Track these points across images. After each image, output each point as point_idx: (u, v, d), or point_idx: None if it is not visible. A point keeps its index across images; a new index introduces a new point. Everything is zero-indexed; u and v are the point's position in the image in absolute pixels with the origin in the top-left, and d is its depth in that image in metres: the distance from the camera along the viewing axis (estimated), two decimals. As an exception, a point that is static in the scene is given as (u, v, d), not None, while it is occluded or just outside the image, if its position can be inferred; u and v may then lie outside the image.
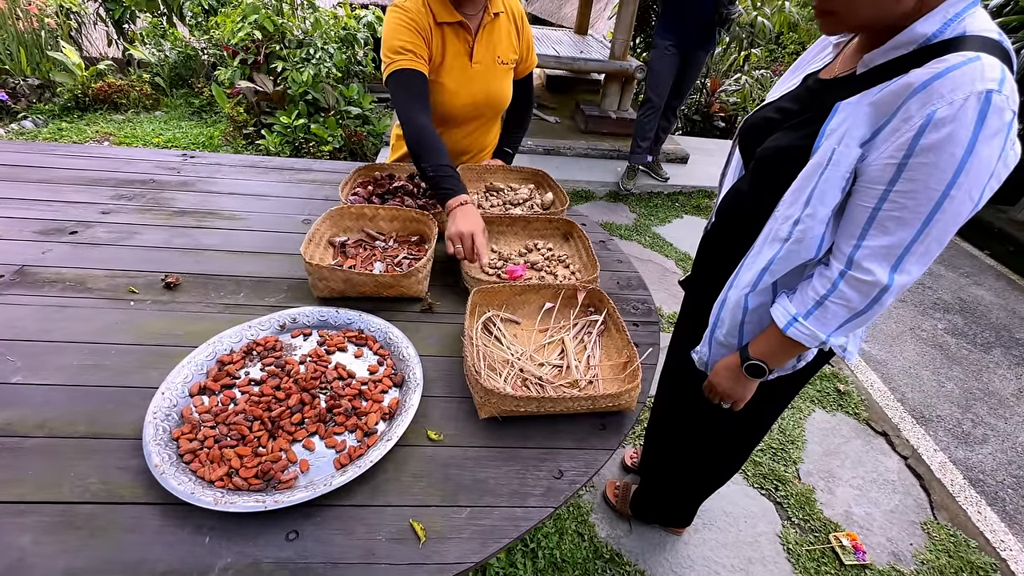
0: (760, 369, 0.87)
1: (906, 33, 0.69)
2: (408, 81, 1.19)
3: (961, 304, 2.95)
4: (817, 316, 0.77)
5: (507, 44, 1.38)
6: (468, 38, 1.29)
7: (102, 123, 3.96)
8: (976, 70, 0.62)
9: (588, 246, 1.16)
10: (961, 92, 0.62)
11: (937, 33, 0.68)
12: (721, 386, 0.93)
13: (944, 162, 0.64)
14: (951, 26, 0.67)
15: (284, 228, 1.25)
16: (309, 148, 3.44)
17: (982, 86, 0.62)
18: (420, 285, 1.03)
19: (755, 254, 0.85)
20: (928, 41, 0.69)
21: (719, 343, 0.94)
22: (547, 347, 0.97)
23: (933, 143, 0.64)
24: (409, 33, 1.21)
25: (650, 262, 3.00)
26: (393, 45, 1.20)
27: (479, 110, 1.38)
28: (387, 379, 0.85)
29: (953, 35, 0.67)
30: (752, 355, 0.87)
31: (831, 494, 1.80)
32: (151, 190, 1.36)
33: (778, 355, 0.85)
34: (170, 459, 0.67)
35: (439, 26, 1.25)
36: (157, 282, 1.02)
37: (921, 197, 0.67)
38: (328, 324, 0.95)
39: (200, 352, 0.83)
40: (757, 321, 0.88)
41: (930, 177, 0.66)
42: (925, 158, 0.65)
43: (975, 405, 2.25)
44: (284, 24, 3.61)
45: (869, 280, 0.72)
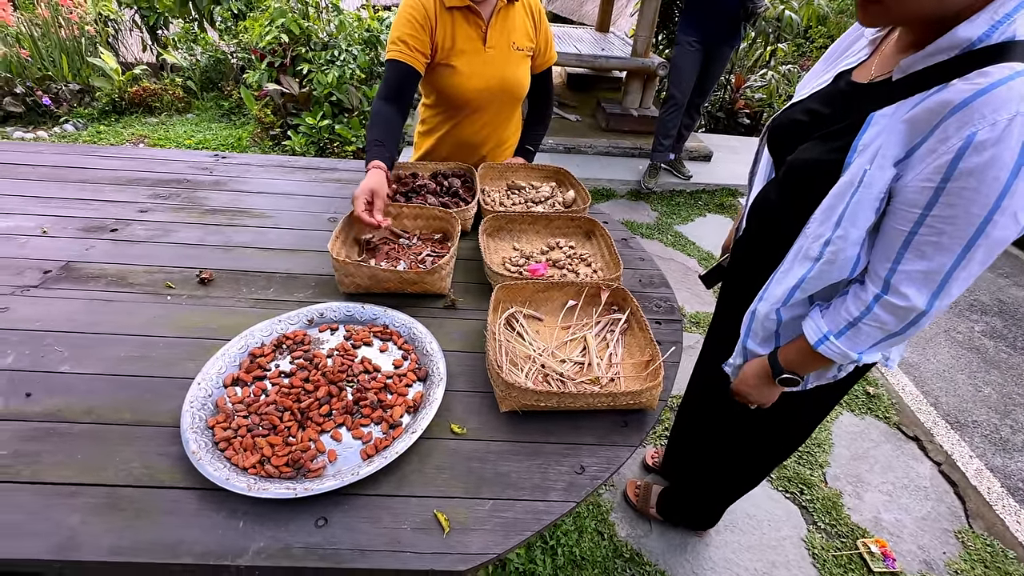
0: (794, 381, 0.85)
1: (947, 37, 0.63)
2: (393, 71, 1.29)
3: (1000, 306, 2.83)
4: (849, 336, 0.75)
5: (522, 31, 1.39)
6: (480, 23, 1.32)
7: (137, 126, 4.12)
8: (1022, 86, 0.57)
9: (611, 244, 1.16)
10: (1005, 112, 0.57)
11: (983, 37, 0.61)
12: (747, 391, 0.92)
13: (986, 187, 0.59)
14: (999, 29, 0.60)
15: (311, 226, 1.29)
16: (333, 148, 3.51)
17: None
18: (443, 282, 1.04)
19: (785, 270, 0.82)
20: (972, 46, 0.62)
21: (753, 353, 0.93)
22: (569, 344, 0.97)
23: (974, 167, 0.59)
24: (410, 26, 1.27)
25: (672, 261, 2.96)
26: (393, 35, 1.28)
27: (494, 95, 1.39)
28: (411, 373, 0.86)
29: (1001, 39, 0.60)
30: (783, 365, 0.85)
31: (859, 499, 1.75)
32: (185, 189, 1.41)
33: (808, 366, 0.84)
34: (206, 446, 0.70)
35: (449, 11, 1.29)
36: (192, 278, 1.06)
37: (961, 223, 0.62)
38: (354, 319, 0.97)
39: (233, 345, 0.86)
40: (793, 330, 0.86)
41: (971, 203, 0.61)
42: (965, 183, 0.60)
43: (1015, 411, 2.16)
44: (310, 27, 3.69)
45: (905, 305, 0.69)
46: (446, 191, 1.38)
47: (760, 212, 0.94)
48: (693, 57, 3.26)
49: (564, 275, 1.15)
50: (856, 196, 0.69)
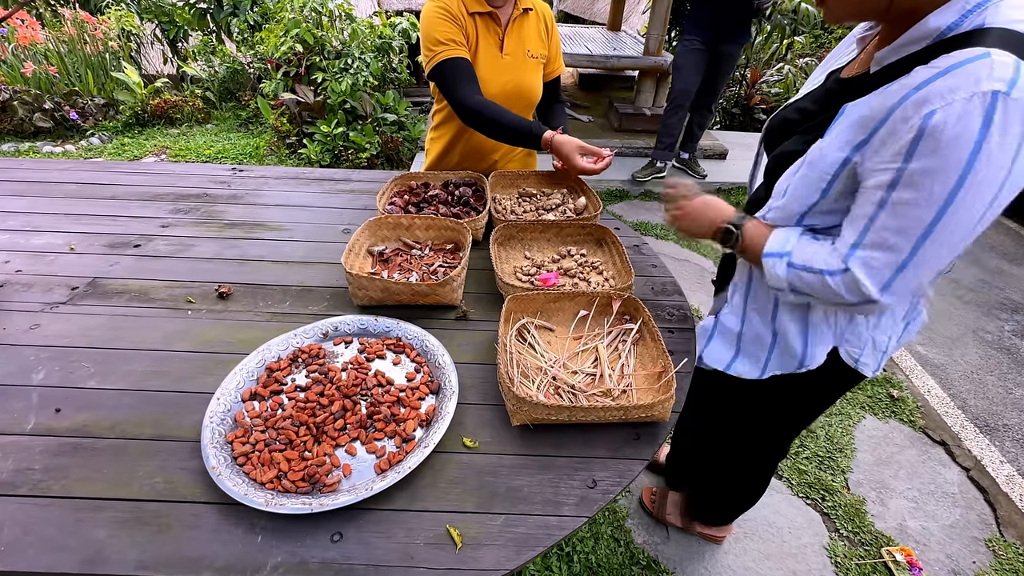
0: (728, 239, 0.86)
1: (918, 27, 0.64)
2: (456, 67, 1.26)
3: (1032, 304, 2.73)
4: (799, 274, 0.76)
5: (536, 39, 1.40)
6: (498, 30, 1.33)
7: (159, 137, 4.23)
8: (983, 68, 0.56)
9: (622, 252, 1.15)
10: (963, 92, 0.56)
11: (952, 26, 0.62)
12: (689, 210, 0.92)
13: (942, 175, 0.59)
14: (969, 17, 0.61)
15: (325, 238, 1.31)
16: (348, 155, 3.55)
17: (988, 86, 0.55)
18: (455, 293, 1.05)
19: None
20: (943, 35, 0.62)
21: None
22: (581, 355, 0.97)
23: (932, 148, 0.59)
24: (447, 24, 1.26)
25: (687, 262, 2.93)
26: (434, 37, 1.26)
27: (509, 101, 1.39)
28: (424, 386, 0.87)
29: (971, 27, 0.60)
30: (742, 230, 0.84)
31: (883, 506, 1.71)
32: (205, 203, 1.44)
33: (750, 252, 0.85)
34: (225, 461, 0.72)
35: (471, 16, 1.30)
36: (211, 292, 1.09)
37: (922, 207, 0.61)
38: (368, 332, 0.99)
39: (251, 360, 0.88)
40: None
41: (931, 186, 0.60)
42: (924, 163, 0.60)
43: (1049, 414, 2.08)
44: (323, 36, 3.74)
45: (862, 290, 0.70)
46: (457, 200, 1.39)
47: (753, 210, 0.96)
48: (695, 57, 3.19)
49: (576, 284, 1.15)
50: (799, 172, 0.74)
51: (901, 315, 0.89)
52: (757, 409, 1.10)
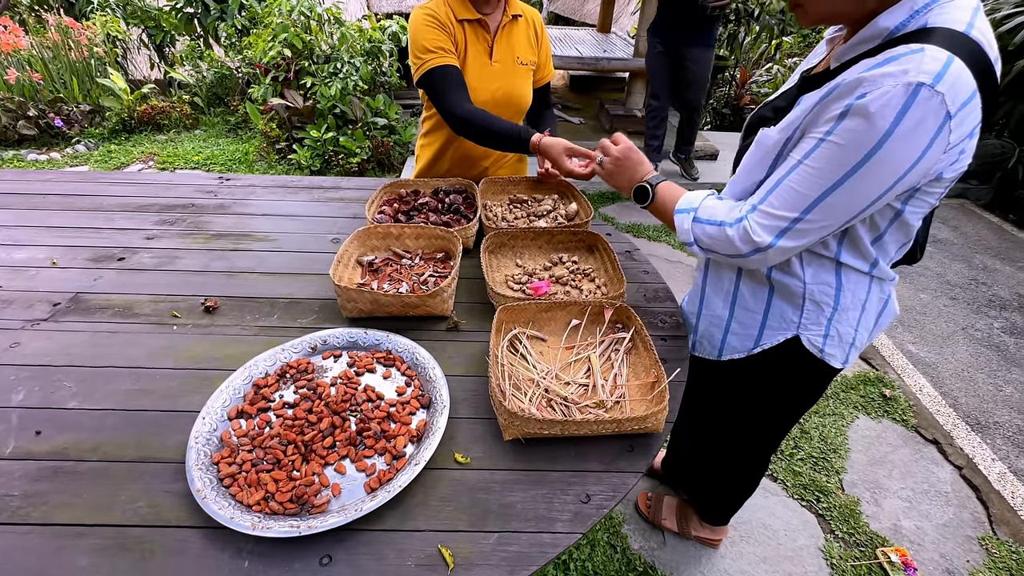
0: (643, 194, 0.96)
1: (870, 27, 0.69)
2: (445, 75, 1.26)
3: (1020, 300, 2.76)
4: (705, 229, 0.84)
5: (526, 46, 1.40)
6: (487, 37, 1.33)
7: (147, 143, 4.19)
8: (913, 61, 0.61)
9: (614, 259, 1.15)
10: (891, 80, 0.61)
11: (901, 26, 0.67)
12: (611, 166, 1.02)
13: (854, 148, 0.65)
14: (916, 18, 0.66)
15: (314, 248, 1.29)
16: (338, 160, 3.53)
17: (913, 78, 0.60)
18: (445, 304, 1.04)
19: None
20: (892, 35, 0.67)
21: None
22: (573, 365, 0.96)
23: (852, 127, 0.64)
24: (435, 32, 1.26)
25: (680, 264, 2.93)
26: (422, 45, 1.25)
27: (499, 108, 1.39)
28: (415, 400, 0.86)
29: (916, 27, 0.65)
30: (655, 189, 0.94)
31: (878, 506, 1.72)
32: (191, 214, 1.42)
33: (660, 211, 0.94)
34: (211, 483, 0.70)
35: (460, 23, 1.30)
36: (197, 306, 1.07)
37: (826, 174, 0.68)
38: (357, 345, 0.97)
39: (237, 376, 0.86)
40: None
41: (840, 156, 0.66)
42: (840, 138, 0.66)
43: (1038, 410, 2.10)
44: (312, 41, 3.72)
45: (753, 238, 0.77)
46: (447, 208, 1.38)
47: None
48: (659, 59, 3.21)
49: (568, 292, 1.15)
50: (749, 151, 0.83)
51: (871, 308, 0.90)
52: (739, 401, 1.12)
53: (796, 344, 0.93)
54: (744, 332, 0.97)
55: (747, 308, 0.95)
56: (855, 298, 0.88)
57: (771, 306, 0.92)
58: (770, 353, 0.95)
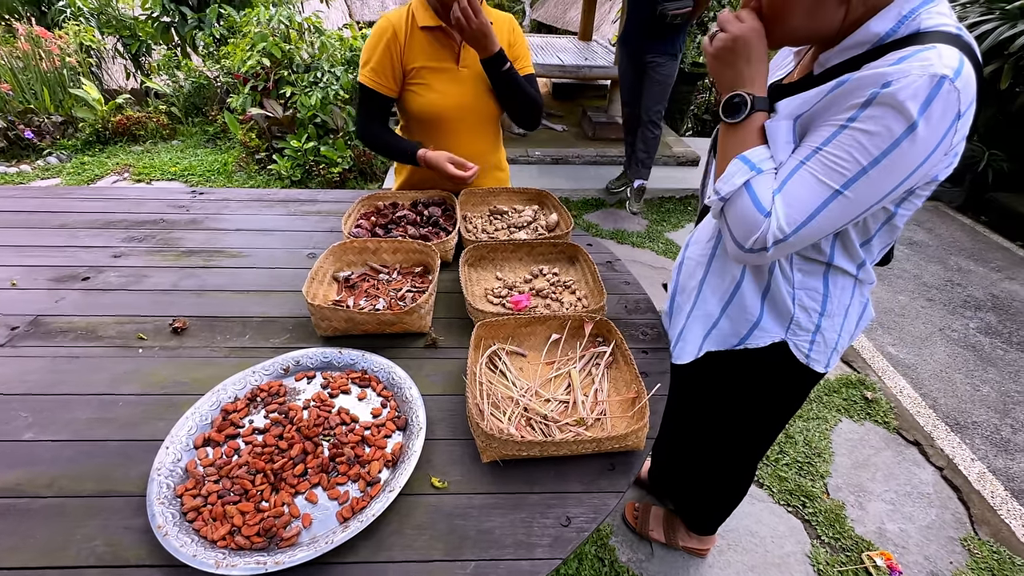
0: (737, 108, 0.76)
1: (860, 32, 0.69)
2: (369, 97, 1.37)
3: (994, 301, 2.82)
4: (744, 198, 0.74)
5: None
6: (453, 43, 1.34)
7: (122, 155, 4.09)
8: (934, 55, 0.61)
9: (595, 271, 1.14)
10: (918, 71, 0.61)
11: (891, 31, 0.67)
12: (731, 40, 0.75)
13: (880, 136, 0.64)
14: (906, 23, 0.67)
15: (289, 264, 1.26)
16: (319, 170, 3.49)
17: (937, 70, 0.60)
18: (423, 320, 1.02)
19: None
20: (882, 40, 0.68)
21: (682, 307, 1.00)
22: (554, 381, 0.94)
23: (878, 114, 0.63)
24: (380, 51, 1.31)
25: (663, 269, 2.94)
26: (368, 58, 1.33)
27: (468, 111, 1.40)
28: (390, 422, 0.84)
29: (908, 32, 0.67)
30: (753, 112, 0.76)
31: (862, 510, 1.73)
32: (161, 230, 1.38)
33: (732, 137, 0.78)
34: (173, 518, 0.67)
35: (422, 30, 1.31)
36: (165, 327, 1.03)
37: (847, 164, 0.66)
38: (332, 365, 0.94)
39: (204, 402, 0.83)
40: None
41: (863, 146, 0.65)
42: (866, 125, 0.64)
43: (1014, 409, 2.14)
44: (291, 50, 3.68)
45: (775, 223, 0.72)
46: (426, 221, 1.36)
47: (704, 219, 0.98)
48: (624, 66, 3.17)
49: (548, 305, 1.13)
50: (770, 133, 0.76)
51: (852, 313, 0.91)
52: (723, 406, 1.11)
53: (783, 348, 0.93)
54: (732, 330, 0.96)
55: (743, 308, 0.92)
56: (840, 304, 0.89)
57: (764, 309, 0.91)
58: (754, 354, 0.95)
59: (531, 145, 4.09)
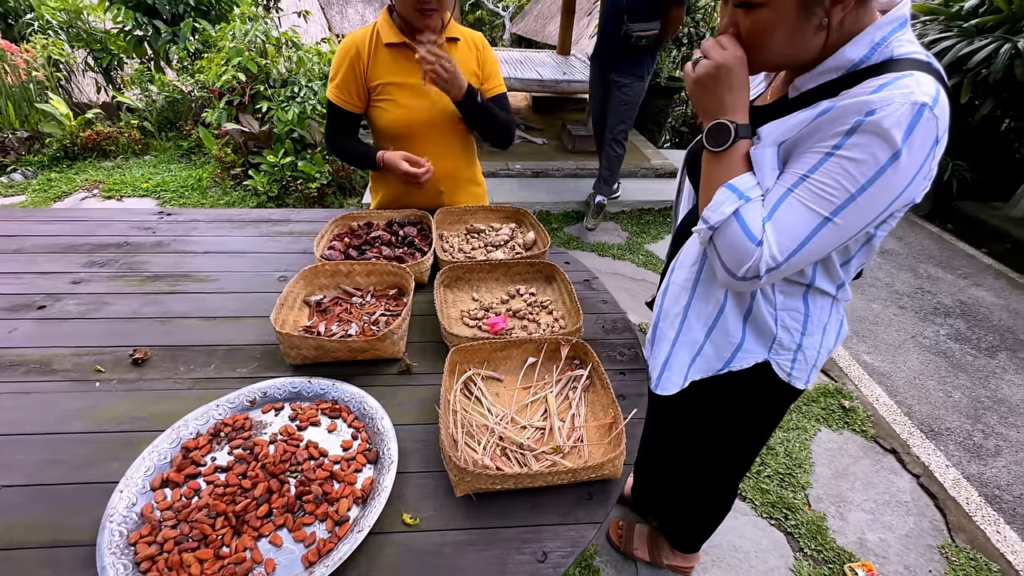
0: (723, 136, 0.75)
1: (835, 58, 0.70)
2: (336, 114, 1.40)
3: (962, 307, 2.90)
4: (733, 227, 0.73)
5: (465, 68, 1.40)
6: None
7: (91, 171, 3.98)
8: (912, 83, 0.63)
9: (571, 291, 1.13)
10: (899, 99, 0.62)
11: (865, 58, 0.69)
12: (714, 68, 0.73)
13: (867, 163, 0.64)
14: (879, 50, 0.68)
15: (259, 288, 1.22)
16: (297, 186, 3.44)
17: (918, 98, 0.62)
18: (396, 346, 0.99)
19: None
20: (857, 66, 0.70)
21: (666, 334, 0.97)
22: (530, 406, 0.93)
23: (863, 142, 0.64)
24: (345, 69, 1.32)
25: (644, 281, 2.96)
26: (334, 74, 1.35)
27: (437, 125, 1.40)
28: (361, 456, 0.81)
29: (881, 59, 0.68)
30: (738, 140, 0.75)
31: (843, 520, 1.74)
32: (125, 254, 1.33)
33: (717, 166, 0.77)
34: (125, 570, 0.63)
35: (387, 47, 1.32)
36: (125, 358, 0.98)
37: (835, 191, 0.67)
38: (301, 396, 0.91)
39: (163, 440, 0.79)
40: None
41: (850, 173, 0.65)
42: (852, 152, 0.65)
43: (985, 415, 2.19)
44: (268, 65, 3.64)
45: (766, 260, 0.71)
46: (402, 241, 1.34)
47: (681, 240, 0.98)
48: (594, 82, 3.16)
49: (525, 326, 1.12)
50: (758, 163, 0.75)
51: (830, 330, 0.92)
52: (705, 427, 1.10)
53: (766, 368, 0.93)
54: (716, 355, 0.95)
55: (726, 331, 0.92)
56: (819, 322, 0.90)
57: (747, 331, 0.91)
58: (737, 376, 0.95)
59: (511, 158, 4.11)
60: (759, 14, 0.68)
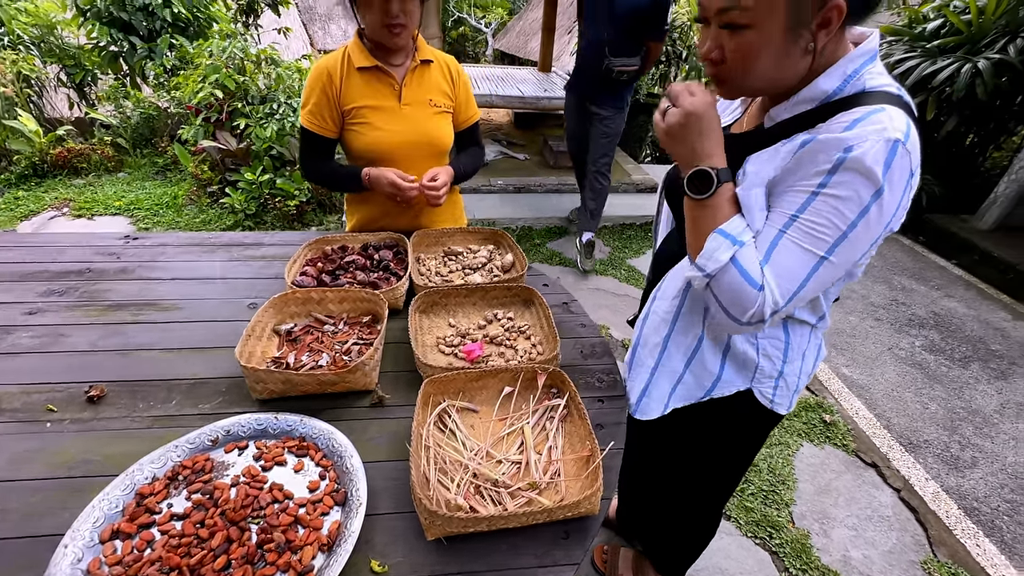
0: (705, 183, 0.72)
1: (809, 89, 0.71)
2: (309, 139, 1.36)
3: (935, 319, 2.97)
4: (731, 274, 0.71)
5: (439, 90, 1.40)
6: (393, 81, 1.33)
7: (61, 189, 3.88)
8: (884, 118, 0.64)
9: (549, 316, 1.11)
10: (874, 136, 0.63)
11: (838, 90, 0.69)
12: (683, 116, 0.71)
13: (853, 200, 0.65)
14: (851, 82, 0.69)
15: (228, 316, 1.18)
16: (275, 204, 3.38)
17: (891, 134, 0.63)
18: (368, 377, 0.96)
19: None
20: (830, 97, 0.70)
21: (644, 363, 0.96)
22: (507, 438, 0.90)
23: (847, 179, 0.64)
24: (317, 95, 1.30)
25: (627, 297, 2.97)
26: (306, 100, 1.32)
27: (414, 148, 1.39)
28: (328, 497, 0.77)
29: (854, 91, 0.69)
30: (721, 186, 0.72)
31: (827, 537, 1.73)
32: (86, 281, 1.28)
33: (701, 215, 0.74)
34: (66, 636, 0.59)
35: (359, 71, 1.31)
36: (80, 395, 0.93)
37: (828, 229, 0.67)
38: (266, 433, 0.87)
39: (115, 486, 0.75)
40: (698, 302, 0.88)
41: (838, 211, 0.66)
42: (837, 191, 0.65)
43: (960, 426, 2.23)
44: (246, 82, 3.61)
45: (768, 305, 0.70)
46: (377, 265, 1.32)
47: (663, 263, 0.98)
48: (570, 112, 3.10)
49: (502, 352, 1.10)
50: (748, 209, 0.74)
51: (809, 355, 0.92)
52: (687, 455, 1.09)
53: (748, 396, 0.92)
54: (696, 384, 0.94)
55: (703, 364, 0.92)
56: (799, 349, 0.90)
57: (725, 366, 0.91)
58: (719, 403, 0.94)
59: (493, 175, 4.12)
60: (744, 36, 0.66)
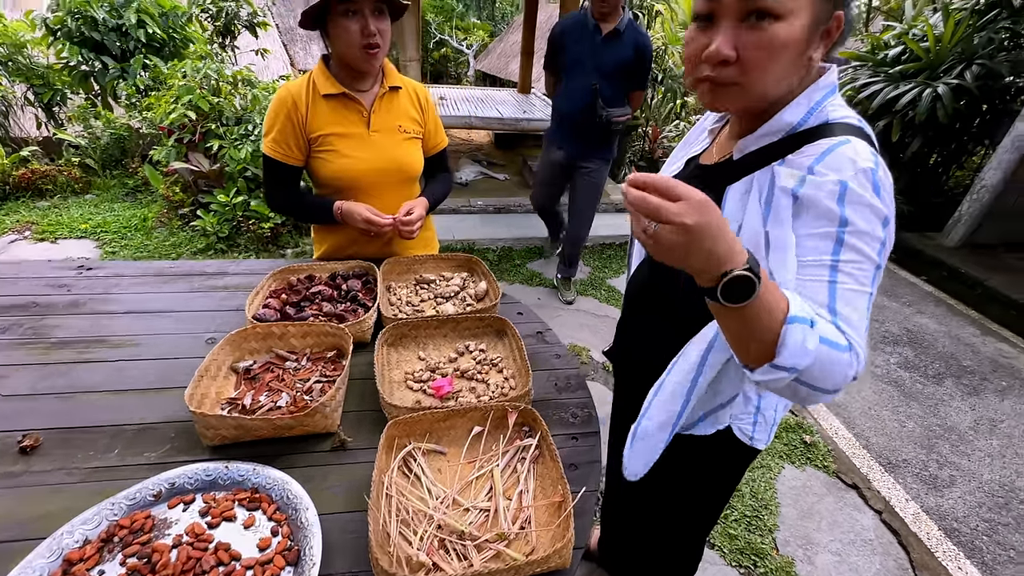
0: (746, 288, 0.55)
1: (774, 121, 0.71)
2: (273, 167, 1.31)
3: (909, 335, 3.02)
4: (828, 354, 0.60)
5: (408, 116, 1.39)
6: (361, 108, 1.31)
7: (24, 211, 3.74)
8: (850, 150, 0.64)
9: (522, 348, 1.08)
10: (849, 169, 0.63)
11: (802, 121, 0.70)
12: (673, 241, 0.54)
13: (871, 231, 0.64)
14: (815, 114, 0.69)
15: (184, 352, 1.12)
16: (249, 226, 3.31)
17: (863, 164, 0.63)
18: (328, 420, 0.91)
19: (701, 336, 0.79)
20: (794, 129, 0.70)
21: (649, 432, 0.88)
22: (475, 483, 0.86)
23: (857, 213, 0.64)
24: (281, 122, 1.26)
25: (607, 317, 2.95)
26: (269, 127, 1.28)
27: (384, 174, 1.36)
28: (280, 556, 0.71)
29: (817, 123, 0.69)
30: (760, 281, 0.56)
31: (811, 564, 1.71)
32: (31, 317, 1.20)
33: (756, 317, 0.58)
34: None
35: (325, 98, 1.27)
36: (11, 446, 0.86)
37: (864, 268, 0.65)
38: (216, 484, 0.81)
39: (39, 554, 0.68)
40: (716, 379, 0.81)
41: (868, 246, 0.64)
42: (855, 227, 0.64)
43: (937, 444, 2.24)
44: (220, 103, 3.55)
45: (860, 363, 0.63)
46: (345, 296, 1.27)
47: (638, 289, 0.96)
48: (546, 163, 2.87)
49: (473, 387, 1.06)
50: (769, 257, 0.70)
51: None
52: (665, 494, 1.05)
53: (727, 434, 0.90)
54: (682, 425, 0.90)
55: (694, 412, 0.89)
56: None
57: (713, 405, 0.89)
58: (698, 440, 0.92)
59: (473, 195, 4.11)
60: (769, 30, 0.60)
